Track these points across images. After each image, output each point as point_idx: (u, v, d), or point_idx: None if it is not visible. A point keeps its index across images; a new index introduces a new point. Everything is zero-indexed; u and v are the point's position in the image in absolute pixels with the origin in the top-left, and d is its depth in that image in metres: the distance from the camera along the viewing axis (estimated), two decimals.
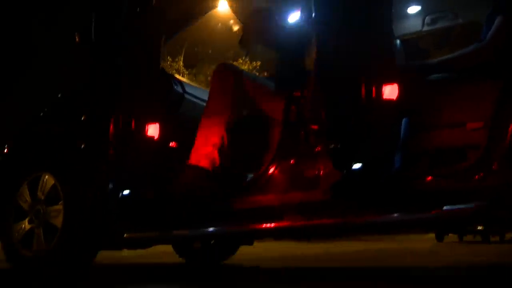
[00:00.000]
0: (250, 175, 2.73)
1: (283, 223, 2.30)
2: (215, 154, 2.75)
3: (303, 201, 2.29)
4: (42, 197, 2.96)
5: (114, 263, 4.34)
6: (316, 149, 2.23)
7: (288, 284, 2.61)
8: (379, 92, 1.95)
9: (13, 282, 2.92)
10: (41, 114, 3.36)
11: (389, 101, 1.96)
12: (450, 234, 12.45)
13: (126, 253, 5.00)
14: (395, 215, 2.12)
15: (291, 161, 2.44)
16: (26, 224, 2.98)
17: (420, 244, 9.42)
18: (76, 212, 2.78)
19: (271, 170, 2.50)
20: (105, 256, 3.18)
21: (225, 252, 4.38)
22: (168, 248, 4.37)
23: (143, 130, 2.77)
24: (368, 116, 2.01)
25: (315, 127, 2.21)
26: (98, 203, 2.78)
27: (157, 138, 2.79)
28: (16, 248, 2.99)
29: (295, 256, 5.64)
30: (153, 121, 2.79)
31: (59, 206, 2.85)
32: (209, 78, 18.71)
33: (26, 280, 2.88)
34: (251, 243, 3.89)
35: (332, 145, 2.08)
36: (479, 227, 10.36)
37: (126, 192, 2.74)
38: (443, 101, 2.35)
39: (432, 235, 12.96)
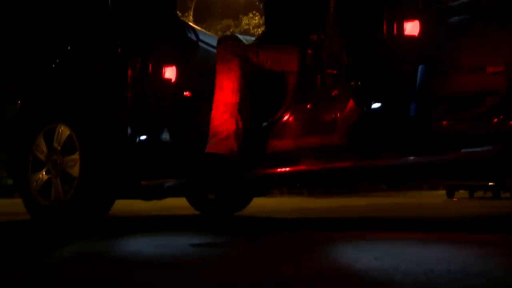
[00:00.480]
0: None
1: (300, 167, 2.30)
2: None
3: (320, 146, 2.28)
4: (58, 148, 2.96)
5: (130, 215, 4.40)
6: (333, 93, 2.20)
7: (298, 232, 2.63)
8: (401, 29, 1.91)
9: (32, 231, 2.97)
10: (53, 65, 3.34)
11: (411, 38, 1.92)
12: (460, 191, 12.51)
13: (141, 206, 5.08)
14: (412, 157, 2.10)
15: (308, 106, 2.42)
16: (43, 175, 3.00)
17: (431, 199, 9.48)
18: (92, 161, 2.79)
19: (288, 115, 2.49)
20: (120, 209, 3.22)
21: (238, 204, 4.43)
22: (184, 203, 4.43)
23: (160, 72, 2.75)
24: (389, 52, 1.98)
25: (332, 71, 2.18)
26: (114, 152, 2.79)
27: (174, 81, 2.78)
28: (35, 198, 3.03)
29: (308, 209, 5.68)
30: (169, 64, 2.77)
31: (76, 156, 2.86)
32: (219, 33, 18.57)
33: (44, 229, 2.92)
34: (263, 194, 3.92)
35: (353, 83, 2.05)
36: (490, 183, 10.37)
37: (144, 137, 2.74)
38: (463, 45, 2.30)
39: (442, 192, 13.03)
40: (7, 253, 1.96)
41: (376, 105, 2.06)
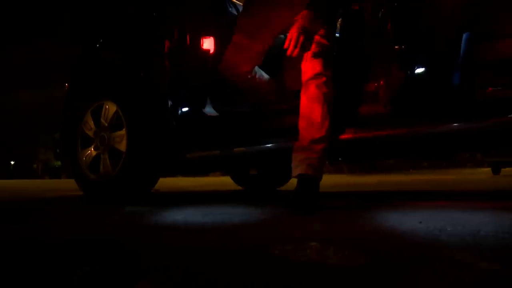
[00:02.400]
0: None
1: (345, 136, 2.30)
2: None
3: (364, 115, 2.28)
4: (106, 124, 3.06)
5: (175, 191, 4.51)
6: (376, 61, 2.19)
7: (339, 205, 2.64)
8: None
9: (82, 204, 3.10)
10: (97, 44, 3.43)
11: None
12: (507, 168, 12.16)
13: (186, 184, 5.18)
14: (456, 124, 2.07)
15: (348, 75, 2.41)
16: (92, 151, 3.11)
17: (476, 176, 9.28)
18: (138, 136, 2.87)
19: None
20: (165, 186, 3.31)
21: (280, 178, 4.48)
22: (227, 181, 4.50)
23: (198, 44, 2.78)
24: (433, 16, 1.95)
25: (375, 38, 2.16)
26: (158, 125, 2.85)
27: (212, 52, 2.80)
28: (85, 174, 3.15)
29: (348, 184, 5.67)
30: (207, 35, 2.79)
31: (122, 132, 2.94)
32: None
33: (94, 202, 3.03)
34: None
35: (396, 47, 2.03)
36: None
37: (185, 109, 2.79)
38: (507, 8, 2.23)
39: (487, 169, 12.71)
40: (69, 221, 2.06)
41: (419, 71, 2.04)
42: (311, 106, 2.17)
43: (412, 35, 2.03)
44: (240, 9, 3.27)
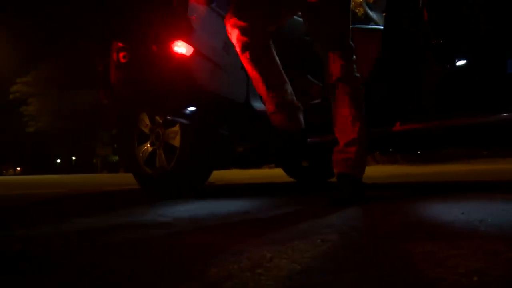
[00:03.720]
0: None
1: (390, 129, 2.33)
2: None
3: (407, 108, 2.30)
4: (160, 121, 3.20)
5: (228, 183, 4.63)
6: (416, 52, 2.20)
7: (386, 195, 2.67)
8: None
9: (140, 197, 3.26)
10: None
11: None
12: None
13: (241, 176, 5.30)
14: (506, 114, 2.06)
15: (394, 68, 2.43)
16: (148, 146, 3.27)
17: None
18: (191, 132, 2.99)
19: (375, 75, 2.51)
20: (224, 178, 3.42)
21: (331, 170, 4.51)
22: (279, 172, 4.58)
23: None
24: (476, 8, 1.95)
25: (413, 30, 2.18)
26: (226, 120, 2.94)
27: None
28: (141, 168, 3.31)
29: (407, 174, 5.63)
30: None
31: (176, 128, 3.08)
32: None
33: (151, 196, 3.19)
34: None
35: (435, 41, 2.04)
36: None
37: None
38: None
39: None
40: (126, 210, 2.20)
41: (460, 62, 2.04)
42: (339, 110, 2.19)
43: (451, 28, 2.04)
44: None
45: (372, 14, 3.84)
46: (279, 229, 1.42)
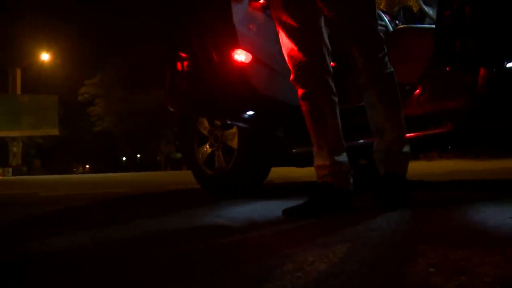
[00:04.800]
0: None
1: (442, 130, 2.34)
2: None
3: (460, 109, 2.30)
4: (219, 124, 3.33)
5: (285, 181, 4.71)
6: (471, 55, 2.20)
7: (439, 195, 2.67)
8: None
9: (200, 197, 3.40)
10: None
11: None
12: None
13: (301, 174, 5.37)
14: None
15: (447, 68, 2.43)
16: (207, 148, 3.41)
17: None
18: (247, 133, 3.10)
19: (428, 79, 2.52)
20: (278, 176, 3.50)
21: None
22: None
23: None
24: None
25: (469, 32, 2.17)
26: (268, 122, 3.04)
27: None
28: (201, 169, 3.45)
29: (460, 170, 5.52)
30: None
31: (234, 130, 3.20)
32: None
33: (210, 195, 3.32)
34: (415, 156, 3.92)
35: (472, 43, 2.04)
36: None
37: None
38: None
39: None
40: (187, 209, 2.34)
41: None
42: (372, 111, 2.15)
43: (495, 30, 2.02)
44: None
45: (427, 9, 3.81)
46: (326, 233, 1.50)
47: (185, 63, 2.82)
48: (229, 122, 3.13)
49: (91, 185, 7.11)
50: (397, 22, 3.75)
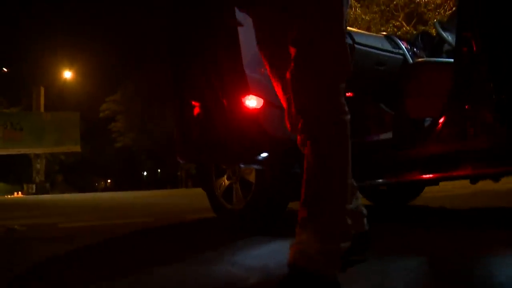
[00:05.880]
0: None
1: (461, 172, 2.28)
2: None
3: (481, 148, 2.24)
4: None
5: None
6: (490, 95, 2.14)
7: (470, 228, 2.59)
8: None
9: (218, 228, 3.38)
10: None
11: None
12: None
13: None
14: None
15: (466, 106, 2.38)
16: (225, 181, 3.39)
17: None
18: (265, 170, 3.07)
19: (447, 116, 2.46)
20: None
21: (410, 193, 4.44)
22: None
23: None
24: None
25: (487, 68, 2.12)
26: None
27: None
28: (219, 201, 3.43)
29: (486, 193, 5.38)
30: None
31: None
32: (383, 7, 18.02)
33: (229, 228, 3.29)
34: (436, 184, 3.84)
35: (499, 97, 1.98)
36: None
37: None
38: None
39: None
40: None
41: None
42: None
43: None
44: (356, 37, 3.34)
45: (445, 35, 3.75)
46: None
47: (195, 111, 2.80)
48: (242, 166, 3.11)
49: (111, 210, 7.16)
50: (415, 49, 3.70)
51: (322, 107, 1.53)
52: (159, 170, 42.63)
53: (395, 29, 18.46)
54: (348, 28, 3.47)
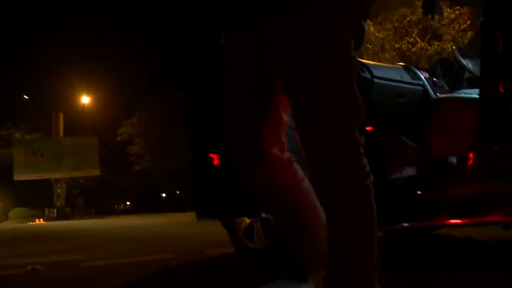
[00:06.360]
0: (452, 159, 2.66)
1: (493, 217, 2.20)
2: None
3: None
4: None
5: None
6: None
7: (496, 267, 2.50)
8: None
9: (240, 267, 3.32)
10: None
11: None
12: None
13: None
14: None
15: (494, 145, 2.31)
16: (246, 220, 3.34)
17: None
18: None
19: (474, 156, 2.39)
20: None
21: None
22: None
23: None
24: None
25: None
26: None
27: None
28: (241, 240, 3.39)
29: None
30: None
31: None
32: (396, 24, 17.93)
33: (251, 267, 3.24)
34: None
35: None
36: None
37: None
38: None
39: None
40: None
41: None
42: None
43: None
44: (375, 70, 3.28)
45: (466, 62, 3.69)
46: None
47: (215, 163, 2.77)
48: (264, 216, 3.07)
49: (131, 243, 7.17)
50: (434, 79, 3.63)
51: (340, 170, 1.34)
52: (177, 192, 42.66)
53: (410, 46, 18.39)
54: (366, 61, 3.44)
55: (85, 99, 35.11)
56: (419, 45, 18.44)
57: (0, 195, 37.95)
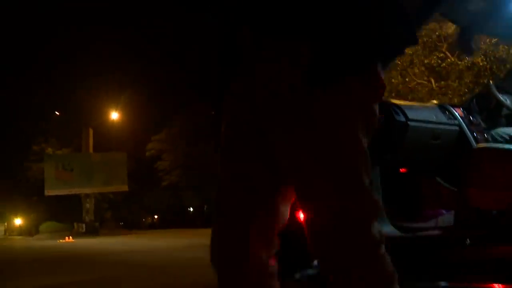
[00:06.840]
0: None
1: None
2: None
3: None
4: None
5: None
6: None
7: None
8: None
9: None
10: None
11: None
12: None
13: None
14: None
15: None
16: None
17: None
18: None
19: None
20: None
21: None
22: None
23: None
24: None
25: None
26: None
27: None
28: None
29: None
30: None
31: None
32: (425, 39, 17.67)
33: None
34: None
35: None
36: None
37: None
38: None
39: None
40: None
41: None
42: None
43: None
44: (409, 112, 3.19)
45: (503, 98, 3.56)
46: None
47: None
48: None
49: (160, 271, 7.15)
50: (471, 117, 3.51)
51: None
52: (205, 206, 42.78)
53: (439, 61, 18.08)
54: (400, 102, 3.34)
55: (114, 115, 35.59)
56: (449, 60, 18.11)
57: (31, 209, 38.73)
